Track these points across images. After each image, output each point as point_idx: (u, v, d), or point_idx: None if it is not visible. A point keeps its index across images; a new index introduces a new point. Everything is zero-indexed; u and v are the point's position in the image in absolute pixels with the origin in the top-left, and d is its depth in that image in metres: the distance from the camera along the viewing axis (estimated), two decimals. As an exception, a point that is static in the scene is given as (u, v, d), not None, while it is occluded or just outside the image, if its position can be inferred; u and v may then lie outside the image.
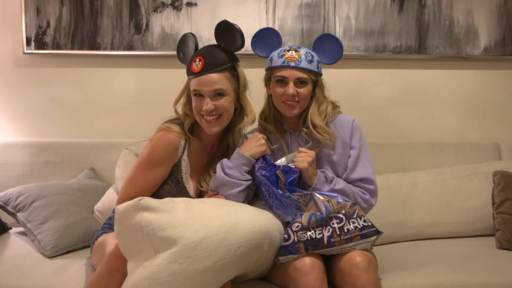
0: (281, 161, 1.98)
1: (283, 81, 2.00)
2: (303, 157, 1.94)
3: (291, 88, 1.97)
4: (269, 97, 2.12)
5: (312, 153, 1.96)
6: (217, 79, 1.96)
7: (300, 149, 1.98)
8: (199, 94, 1.98)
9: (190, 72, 2.02)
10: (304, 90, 2.00)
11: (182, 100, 2.09)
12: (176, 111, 2.09)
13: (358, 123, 2.11)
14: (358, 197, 1.99)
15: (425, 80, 3.02)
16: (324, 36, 2.12)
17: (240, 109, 2.11)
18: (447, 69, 3.01)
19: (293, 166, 1.94)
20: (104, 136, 2.94)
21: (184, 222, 1.61)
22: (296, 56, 1.99)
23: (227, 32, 1.99)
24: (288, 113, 2.03)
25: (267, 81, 2.10)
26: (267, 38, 2.10)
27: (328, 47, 2.08)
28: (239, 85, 2.05)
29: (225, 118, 2.01)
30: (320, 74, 2.07)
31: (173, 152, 2.03)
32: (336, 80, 2.81)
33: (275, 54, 2.05)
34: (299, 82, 1.99)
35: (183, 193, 2.06)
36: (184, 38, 2.11)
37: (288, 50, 2.02)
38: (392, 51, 2.97)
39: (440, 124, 3.03)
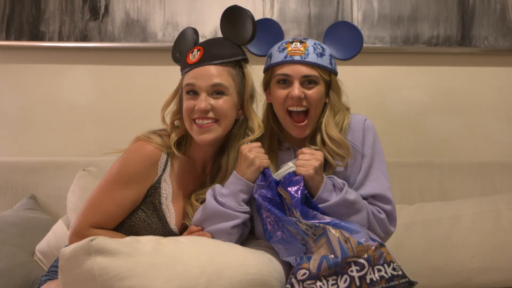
0: (279, 173, 1.95)
1: (286, 81, 1.98)
2: (307, 160, 1.90)
3: (296, 89, 1.94)
4: (269, 107, 2.11)
5: (319, 154, 1.92)
6: (218, 72, 1.95)
7: (304, 149, 1.95)
8: (193, 92, 1.96)
9: (184, 65, 2.01)
10: (314, 92, 1.98)
11: (172, 106, 2.06)
12: (164, 119, 2.07)
13: (371, 123, 2.08)
14: (372, 216, 1.97)
15: (470, 80, 3.03)
16: (337, 24, 2.12)
17: (242, 121, 2.09)
18: (498, 66, 3.02)
19: (293, 173, 1.91)
20: (49, 154, 2.93)
21: (152, 268, 1.57)
22: (301, 48, 1.98)
23: (235, 19, 2.00)
24: (298, 133, 2.01)
25: (266, 85, 2.09)
26: (265, 33, 2.09)
27: (342, 38, 2.07)
28: (244, 89, 2.03)
29: (222, 124, 1.98)
30: (335, 73, 2.05)
31: (149, 169, 2.00)
32: (353, 80, 2.80)
33: (274, 49, 2.04)
34: (307, 82, 1.97)
35: (162, 224, 2.03)
36: (183, 34, 2.11)
37: (291, 42, 2.01)
38: (427, 43, 2.97)
39: (490, 138, 3.03)
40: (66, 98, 2.99)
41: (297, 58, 1.96)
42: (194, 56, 1.97)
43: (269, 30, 2.10)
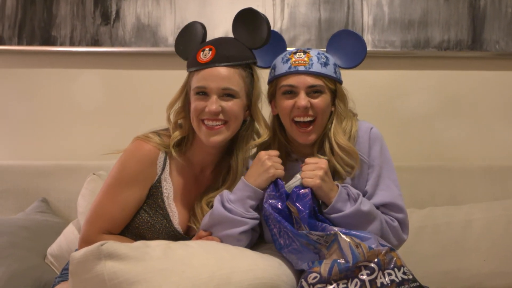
0: (288, 185, 1.94)
1: (291, 92, 1.98)
2: (312, 171, 1.89)
3: (302, 99, 1.94)
4: (275, 119, 2.11)
5: (323, 162, 1.91)
6: (229, 75, 1.93)
7: (307, 160, 1.94)
8: (203, 92, 1.94)
9: (194, 63, 1.97)
10: (320, 101, 1.97)
11: (177, 104, 2.05)
12: (169, 117, 2.06)
13: (378, 131, 2.06)
14: (385, 225, 1.95)
15: (481, 84, 3.01)
16: (340, 33, 2.13)
17: (249, 122, 2.08)
18: (509, 70, 3.00)
19: (300, 185, 1.90)
20: (61, 158, 2.93)
21: (161, 273, 1.56)
22: (305, 59, 1.97)
23: (249, 22, 1.99)
24: (303, 139, 2.00)
25: (271, 96, 2.08)
26: (268, 44, 2.07)
27: (346, 47, 2.08)
28: (253, 90, 2.03)
29: (231, 127, 1.98)
30: (340, 81, 2.05)
31: (149, 168, 2.00)
32: (363, 84, 2.81)
33: (278, 60, 2.04)
34: (313, 92, 1.97)
35: (165, 224, 2.03)
36: (190, 27, 2.09)
37: (295, 53, 2.00)
38: (438, 47, 2.95)
39: (501, 142, 3.01)
40: (77, 102, 3.00)
41: (301, 68, 1.96)
42: (205, 55, 1.94)
43: (272, 41, 2.07)
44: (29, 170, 2.82)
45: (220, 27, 2.89)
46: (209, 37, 2.06)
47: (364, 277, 1.73)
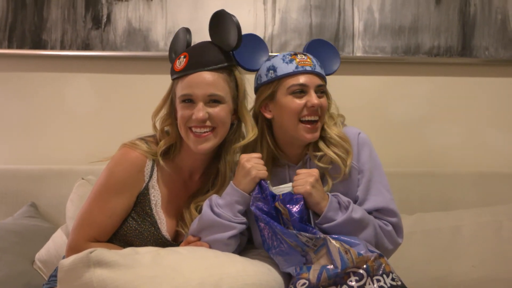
0: (278, 188, 1.94)
1: (301, 91, 1.97)
2: (302, 179, 1.90)
3: (315, 98, 1.95)
4: (263, 123, 2.09)
5: (314, 172, 1.92)
6: (213, 81, 1.93)
7: (298, 171, 1.95)
8: (189, 100, 1.94)
9: (172, 71, 1.99)
10: (324, 100, 2.01)
11: (163, 112, 2.05)
12: (154, 125, 2.05)
13: (366, 137, 2.06)
14: (379, 230, 1.95)
15: (470, 90, 3.01)
16: (313, 42, 2.13)
17: (237, 125, 2.08)
18: (499, 77, 3.01)
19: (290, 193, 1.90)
20: (50, 162, 2.92)
21: (151, 281, 1.56)
22: (308, 60, 2.00)
23: (220, 24, 1.97)
24: (311, 136, 1.99)
25: (268, 99, 2.05)
26: (250, 47, 2.07)
27: (321, 55, 2.09)
28: (238, 93, 2.02)
29: (219, 132, 1.98)
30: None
31: (136, 175, 2.00)
32: (354, 90, 2.81)
33: (277, 61, 2.02)
34: (320, 91, 2.00)
35: (153, 231, 2.02)
36: (177, 35, 2.09)
37: (296, 54, 2.01)
38: (428, 53, 2.96)
39: (491, 148, 3.01)
40: (67, 106, 2.98)
41: (308, 68, 1.97)
42: (180, 63, 1.95)
43: (253, 44, 2.08)
44: (18, 174, 2.81)
45: (211, 32, 2.90)
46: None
47: (353, 283, 1.73)
